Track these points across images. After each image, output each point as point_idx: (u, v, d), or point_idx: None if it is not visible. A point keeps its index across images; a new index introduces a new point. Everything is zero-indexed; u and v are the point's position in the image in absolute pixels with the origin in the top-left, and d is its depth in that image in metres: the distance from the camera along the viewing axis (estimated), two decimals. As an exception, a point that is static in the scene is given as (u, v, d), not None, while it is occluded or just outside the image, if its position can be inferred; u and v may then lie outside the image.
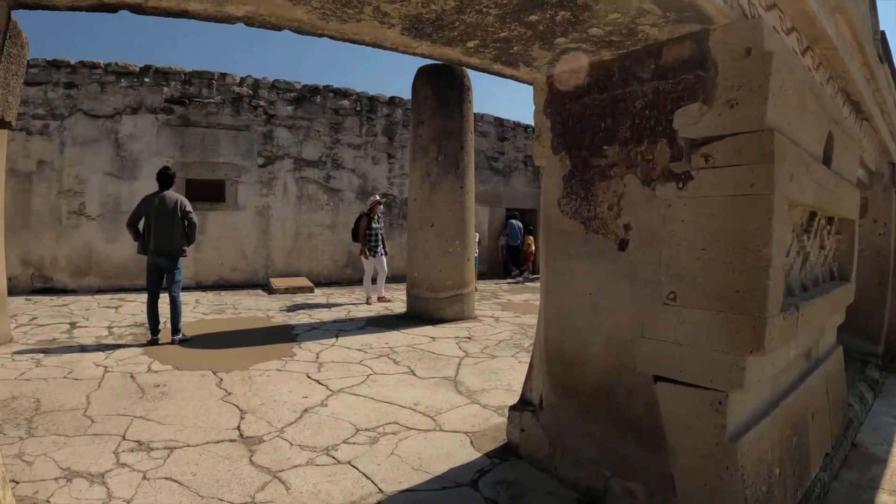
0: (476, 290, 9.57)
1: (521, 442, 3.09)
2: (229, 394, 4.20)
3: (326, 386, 4.44)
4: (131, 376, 4.59)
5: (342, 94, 11.16)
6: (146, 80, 9.57)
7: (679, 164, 2.27)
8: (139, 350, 5.47)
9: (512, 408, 3.21)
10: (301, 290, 9.68)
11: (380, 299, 8.91)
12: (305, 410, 3.87)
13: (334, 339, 6.10)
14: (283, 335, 6.30)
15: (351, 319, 7.36)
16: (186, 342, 5.79)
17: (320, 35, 2.32)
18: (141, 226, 5.77)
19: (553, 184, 2.92)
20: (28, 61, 8.86)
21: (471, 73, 7.65)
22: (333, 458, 3.12)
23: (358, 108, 11.32)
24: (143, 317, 5.85)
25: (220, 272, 10.15)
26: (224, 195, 10.15)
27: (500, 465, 3.04)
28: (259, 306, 8.23)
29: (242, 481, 2.81)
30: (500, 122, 13.76)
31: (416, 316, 7.43)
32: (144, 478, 2.83)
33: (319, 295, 9.54)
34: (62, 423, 3.58)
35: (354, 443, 3.33)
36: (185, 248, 5.84)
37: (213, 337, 6.17)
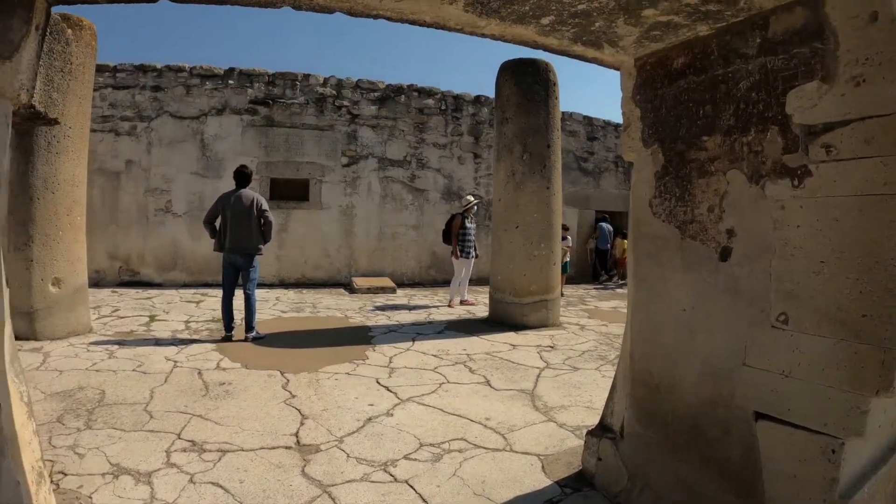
0: (563, 295, 9.17)
1: (598, 472, 2.75)
2: (293, 396, 4.11)
3: (395, 394, 4.25)
4: (199, 373, 4.62)
5: (427, 93, 11.05)
6: (230, 82, 9.88)
7: (794, 156, 1.86)
8: (211, 346, 5.55)
9: (590, 432, 2.87)
10: (383, 290, 9.64)
11: (462, 302, 8.69)
12: (369, 419, 3.69)
13: (410, 343, 5.93)
14: (359, 337, 6.21)
15: (430, 323, 7.18)
16: (260, 340, 5.83)
17: (375, 16, 2.10)
18: (218, 223, 5.86)
19: (643, 181, 2.57)
20: (115, 66, 9.41)
21: (557, 68, 7.30)
22: (391, 475, 2.90)
23: (443, 108, 11.18)
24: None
25: (302, 270, 10.31)
26: (308, 194, 10.31)
27: (571, 496, 2.71)
28: (338, 306, 8.23)
29: (290, 494, 2.65)
30: (589, 121, 13.21)
31: (498, 321, 7.15)
32: (191, 481, 2.75)
33: (401, 296, 9.46)
34: (121, 416, 3.61)
35: (416, 459, 3.10)
36: (261, 246, 5.87)
37: (288, 336, 6.18)
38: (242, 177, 5.91)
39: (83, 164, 6.02)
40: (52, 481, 2.68)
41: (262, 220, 5.81)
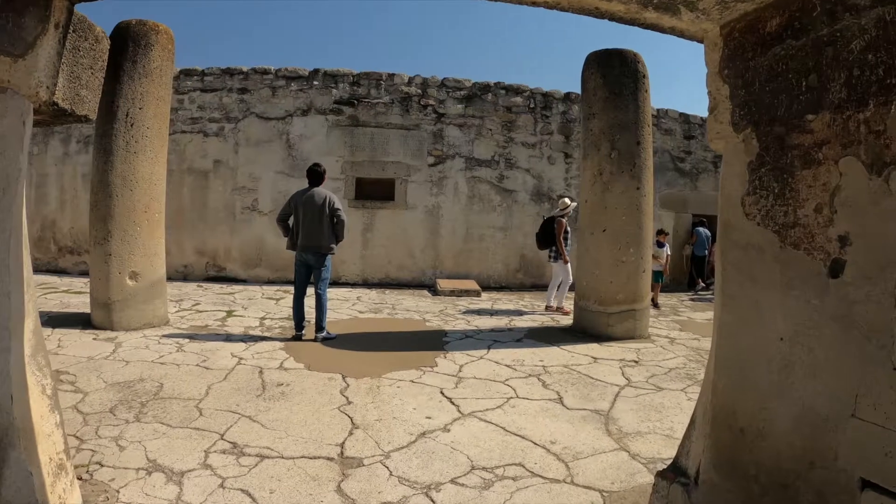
0: (657, 306, 8.49)
1: (670, 522, 2.30)
2: (349, 403, 3.92)
3: (458, 407, 3.96)
4: (260, 371, 4.58)
5: (514, 90, 10.67)
6: (315, 83, 9.99)
7: (935, 139, 1.38)
8: (280, 345, 5.53)
9: (660, 473, 2.42)
10: (467, 293, 9.37)
11: (557, 309, 8.22)
12: (423, 434, 3.42)
13: (485, 351, 5.60)
14: (433, 342, 5.97)
15: (510, 329, 6.82)
16: (330, 340, 5.74)
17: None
18: (291, 222, 5.84)
19: (734, 175, 2.11)
20: (203, 70, 9.75)
21: (648, 62, 6.69)
22: (431, 500, 2.62)
23: (531, 105, 10.75)
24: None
25: (386, 270, 10.24)
26: (393, 194, 10.23)
27: (636, 551, 2.30)
28: (418, 308, 8.05)
29: (317, 514, 2.43)
30: (685, 119, 12.25)
31: (582, 331, 6.67)
32: (221, 485, 2.65)
33: (485, 300, 9.14)
34: (172, 411, 3.60)
35: (463, 484, 2.79)
36: (333, 245, 5.77)
37: (359, 337, 6.05)
38: (315, 175, 5.84)
39: (161, 163, 6.22)
40: (87, 471, 2.70)
41: (335, 219, 5.70)
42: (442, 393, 4.24)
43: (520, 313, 8.01)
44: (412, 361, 5.08)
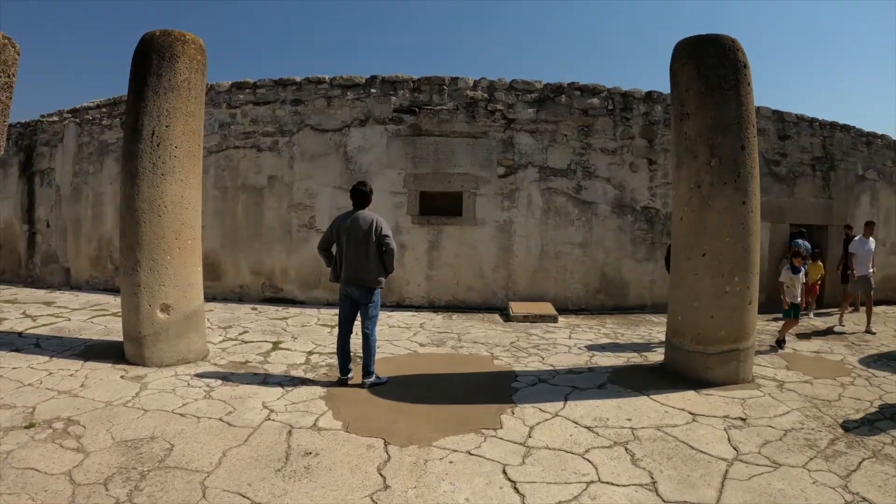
0: (782, 344, 7.16)
1: None
2: (386, 488, 3.21)
3: (523, 496, 3.14)
4: (289, 432, 3.99)
5: (590, 91, 9.68)
6: (373, 90, 9.44)
7: None
8: (321, 391, 4.94)
9: None
10: (542, 318, 8.48)
11: None
12: (474, 549, 2.63)
13: (561, 405, 4.72)
14: (499, 389, 5.15)
15: (591, 370, 5.90)
16: (379, 385, 5.09)
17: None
18: (334, 250, 5.21)
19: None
20: (255, 83, 9.25)
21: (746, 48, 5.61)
22: None
23: (610, 107, 9.72)
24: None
25: (454, 292, 9.50)
26: (461, 209, 9.49)
27: None
28: (487, 339, 7.24)
29: None
30: (779, 117, 10.79)
31: (675, 372, 5.66)
32: None
33: (562, 326, 8.22)
34: (171, 489, 3.07)
35: None
36: (382, 279, 5.08)
37: (413, 382, 5.34)
38: (360, 196, 5.14)
39: (194, 185, 5.80)
40: None
41: (383, 248, 4.99)
42: (504, 473, 3.42)
43: (600, 347, 7.03)
44: (472, 420, 4.29)
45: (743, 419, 4.43)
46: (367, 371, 5.10)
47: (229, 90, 9.94)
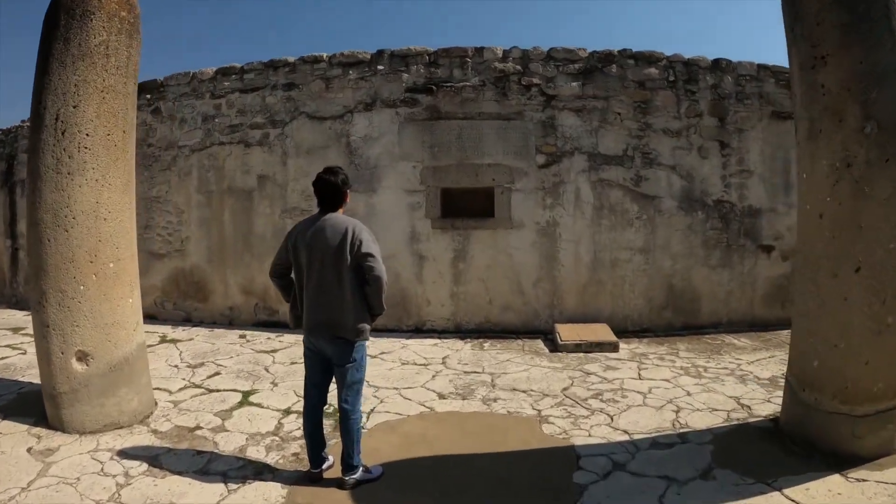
0: None
1: None
2: None
3: None
4: None
5: (646, 59, 7.78)
6: (380, 67, 7.74)
7: None
8: (279, 494, 3.27)
9: None
10: (599, 346, 6.65)
11: None
12: None
13: (654, 515, 2.96)
14: (556, 488, 3.38)
15: (683, 437, 4.11)
16: (368, 483, 3.37)
17: None
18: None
19: None
20: (243, 67, 7.09)
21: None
22: None
23: (671, 79, 7.83)
24: None
25: (486, 312, 7.72)
26: (493, 208, 7.66)
27: None
28: (531, 382, 5.47)
29: None
30: None
31: (804, 439, 3.82)
32: None
33: (626, 357, 6.39)
34: None
35: None
36: (365, 325, 3.32)
37: (424, 474, 3.60)
38: (327, 190, 3.41)
39: (117, 187, 4.25)
40: None
41: (365, 275, 3.24)
42: None
43: (686, 394, 5.19)
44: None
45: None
46: (347, 465, 3.36)
47: (214, 77, 8.41)
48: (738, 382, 5.49)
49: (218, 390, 5.23)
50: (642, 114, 7.73)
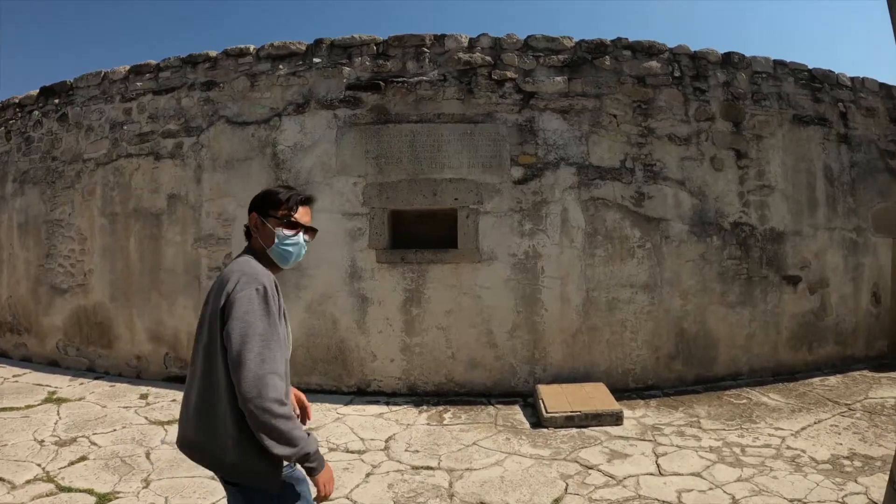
0: None
1: None
2: None
3: None
4: None
5: (645, 50, 6.28)
6: (316, 60, 6.19)
7: None
8: None
9: None
10: (597, 418, 4.98)
11: None
12: None
13: None
14: None
15: None
16: None
17: None
18: None
19: None
20: (159, 65, 6.85)
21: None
22: None
23: (676, 74, 6.34)
24: None
25: (448, 369, 5.99)
26: (455, 237, 5.98)
27: None
28: (505, 490, 3.76)
29: None
30: (888, 93, 7.56)
31: None
32: None
33: (634, 434, 4.74)
34: None
35: None
36: (264, 466, 1.75)
37: None
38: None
39: None
40: None
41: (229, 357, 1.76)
42: None
43: (731, 499, 3.55)
44: None
45: None
46: None
47: (126, 77, 6.92)
48: (792, 471, 3.97)
49: (70, 490, 3.72)
50: (643, 116, 6.19)
